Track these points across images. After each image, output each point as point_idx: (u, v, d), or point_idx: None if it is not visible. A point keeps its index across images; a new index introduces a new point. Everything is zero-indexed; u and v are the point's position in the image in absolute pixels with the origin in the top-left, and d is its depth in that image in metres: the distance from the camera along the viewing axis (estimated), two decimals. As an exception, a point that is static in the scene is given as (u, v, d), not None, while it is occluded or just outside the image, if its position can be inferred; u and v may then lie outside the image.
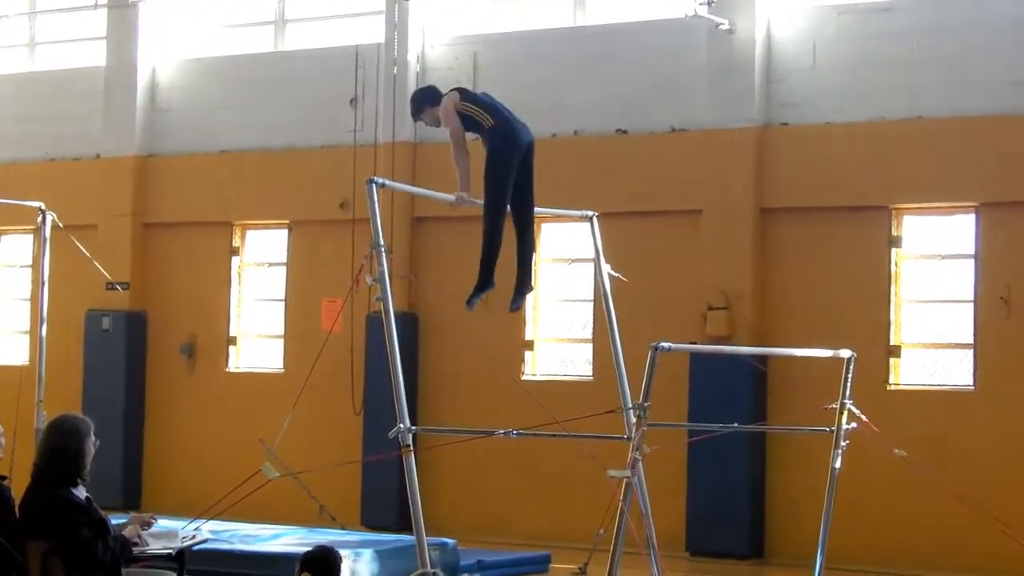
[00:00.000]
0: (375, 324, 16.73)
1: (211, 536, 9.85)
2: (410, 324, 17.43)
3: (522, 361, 17.38)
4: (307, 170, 18.51)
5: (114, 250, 19.15)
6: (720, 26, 16.03)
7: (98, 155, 20.00)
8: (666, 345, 9.40)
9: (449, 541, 13.24)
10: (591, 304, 16.82)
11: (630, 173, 16.73)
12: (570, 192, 14.75)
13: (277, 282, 19.14)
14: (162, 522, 8.85)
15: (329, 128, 18.36)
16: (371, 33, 18.43)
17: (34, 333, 18.30)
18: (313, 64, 18.73)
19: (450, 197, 10.09)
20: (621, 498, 9.34)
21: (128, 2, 19.62)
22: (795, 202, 16.01)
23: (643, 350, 9.37)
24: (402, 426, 8.94)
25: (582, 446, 11.22)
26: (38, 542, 7.82)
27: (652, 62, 16.77)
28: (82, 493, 7.96)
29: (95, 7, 20.13)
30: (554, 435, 11.27)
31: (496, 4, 18.13)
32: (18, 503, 8.12)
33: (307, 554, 7.33)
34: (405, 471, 8.93)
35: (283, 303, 19.02)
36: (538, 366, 17.49)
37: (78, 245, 14.67)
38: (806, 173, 15.92)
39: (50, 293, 14.05)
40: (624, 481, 9.31)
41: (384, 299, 9.11)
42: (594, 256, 11.31)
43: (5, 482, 8.33)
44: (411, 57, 17.87)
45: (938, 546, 14.93)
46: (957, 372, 15.60)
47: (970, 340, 15.37)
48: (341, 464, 15.17)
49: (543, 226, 16.86)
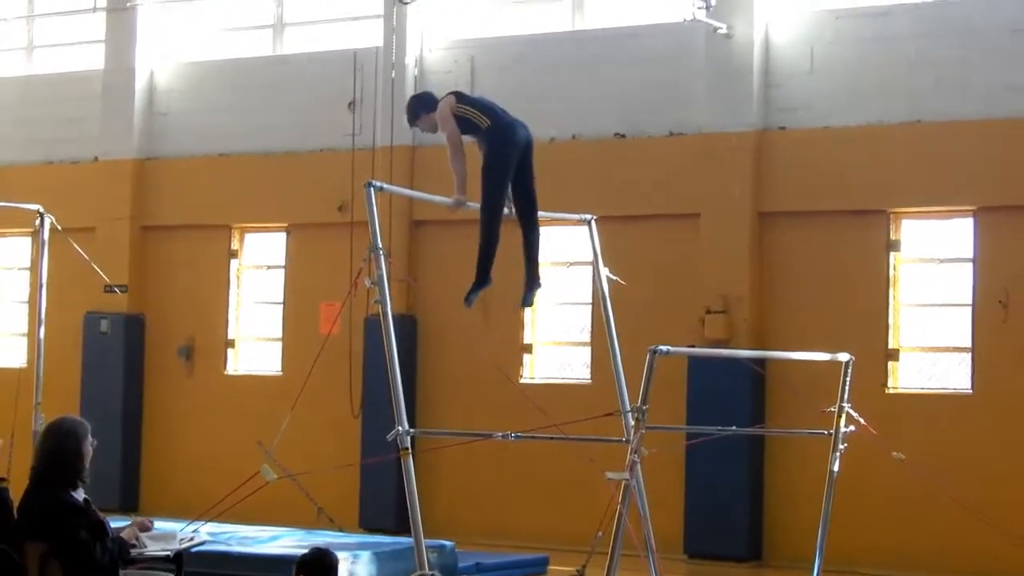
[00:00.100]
0: (373, 327, 16.70)
1: (209, 538, 9.82)
2: (408, 327, 17.43)
3: (521, 364, 17.39)
4: (305, 173, 18.49)
5: (112, 253, 19.15)
6: (718, 30, 16.04)
7: (96, 158, 19.98)
8: (664, 348, 9.40)
9: (447, 543, 13.22)
10: (589, 307, 16.82)
11: (628, 177, 16.72)
12: (568, 196, 14.77)
13: (275, 285, 19.13)
14: (160, 524, 8.85)
15: (327, 131, 18.36)
16: (369, 37, 18.43)
17: (32, 335, 18.25)
18: (311, 68, 18.73)
19: (448, 200, 10.11)
20: (619, 500, 9.36)
21: (127, 5, 19.62)
22: (793, 206, 16.01)
23: (641, 353, 9.37)
24: (400, 428, 8.94)
25: (580, 449, 11.23)
26: (36, 544, 7.81)
27: (650, 66, 16.77)
28: (80, 495, 7.96)
29: (94, 10, 20.16)
30: (552, 438, 11.28)
31: (494, 8, 18.11)
32: (17, 505, 8.12)
33: (303, 557, 7.33)
34: (403, 473, 8.93)
35: (281, 306, 19.01)
36: (537, 369, 17.49)
37: (76, 248, 14.65)
38: (804, 177, 15.91)
39: (48, 296, 14.03)
40: (622, 484, 9.32)
41: (383, 302, 9.11)
42: (593, 260, 11.34)
43: (3, 484, 8.33)
44: (409, 61, 17.86)
45: (936, 549, 14.92)
46: (955, 376, 15.59)
47: (968, 344, 15.38)
48: (339, 466, 15.13)
49: (541, 230, 16.80)
